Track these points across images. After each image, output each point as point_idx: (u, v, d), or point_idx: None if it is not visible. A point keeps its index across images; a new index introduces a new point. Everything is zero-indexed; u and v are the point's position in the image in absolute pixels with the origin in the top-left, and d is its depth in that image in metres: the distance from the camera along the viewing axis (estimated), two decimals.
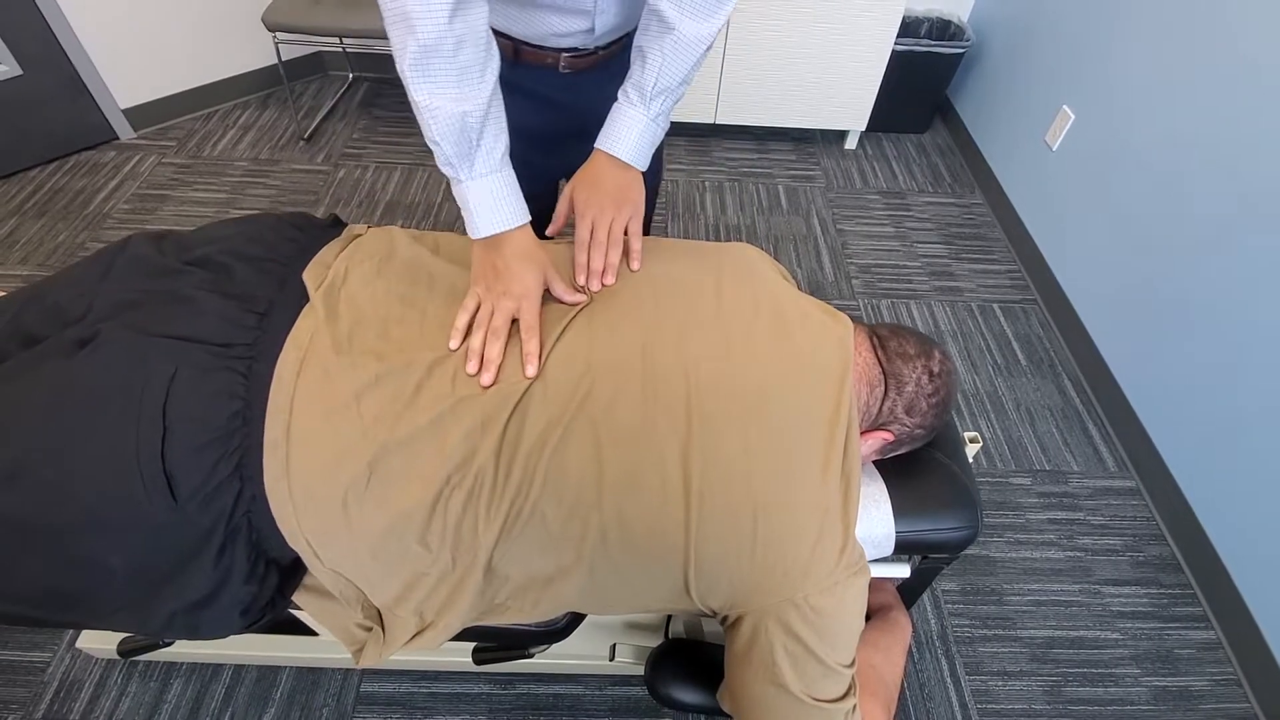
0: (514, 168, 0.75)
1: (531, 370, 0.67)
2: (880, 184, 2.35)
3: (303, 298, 0.72)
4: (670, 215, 2.19)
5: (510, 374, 0.68)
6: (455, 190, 0.73)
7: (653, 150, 0.86)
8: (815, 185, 2.34)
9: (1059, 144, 1.92)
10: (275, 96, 2.53)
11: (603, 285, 0.77)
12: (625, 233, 0.81)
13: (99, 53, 2.13)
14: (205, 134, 2.35)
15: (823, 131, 2.52)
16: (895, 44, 2.18)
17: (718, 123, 2.36)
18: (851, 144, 2.48)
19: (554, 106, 0.99)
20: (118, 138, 2.29)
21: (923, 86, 2.40)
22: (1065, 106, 1.89)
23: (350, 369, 0.66)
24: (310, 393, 0.64)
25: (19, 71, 2.02)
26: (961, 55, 2.32)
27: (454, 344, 0.69)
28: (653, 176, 1.16)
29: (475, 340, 0.68)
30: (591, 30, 0.90)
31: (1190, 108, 1.49)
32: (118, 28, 2.13)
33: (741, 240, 2.10)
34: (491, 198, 0.72)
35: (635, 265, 0.79)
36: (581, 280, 0.77)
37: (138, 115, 2.30)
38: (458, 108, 0.67)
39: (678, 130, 2.49)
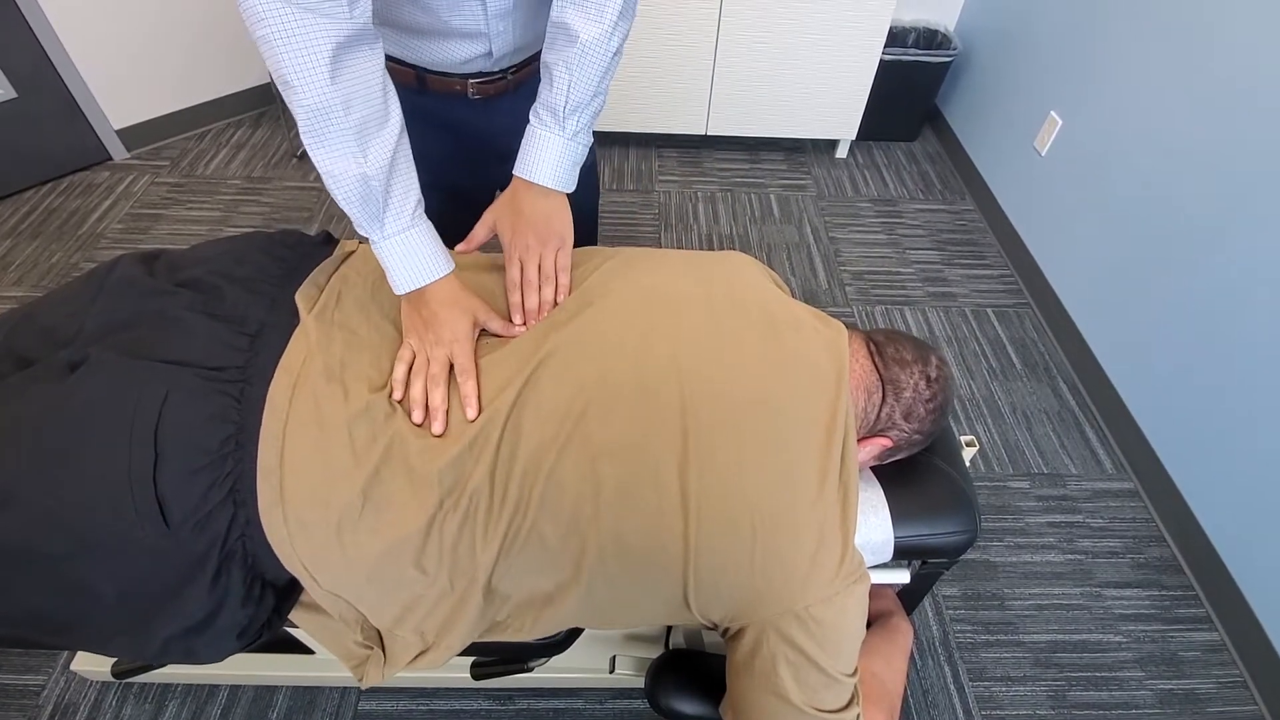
0: (440, 194, 0.72)
1: (471, 413, 0.66)
2: (871, 192, 2.37)
3: (294, 318, 0.71)
4: (663, 226, 2.20)
5: (486, 405, 0.67)
6: (373, 249, 0.72)
7: (577, 170, 0.82)
8: (807, 194, 2.35)
9: (1048, 149, 1.94)
10: (268, 115, 2.54)
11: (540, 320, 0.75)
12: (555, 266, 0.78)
13: (93, 74, 2.14)
14: (198, 153, 2.36)
15: (813, 141, 2.54)
16: (883, 54, 2.20)
17: (709, 134, 2.38)
18: (842, 153, 2.50)
19: (469, 133, 0.95)
20: (111, 158, 2.30)
21: (911, 95, 2.42)
22: (1053, 112, 1.91)
23: (342, 397, 0.65)
24: (303, 419, 0.64)
25: (13, 94, 2.03)
26: (949, 64, 2.35)
27: (397, 395, 0.68)
28: (588, 194, 1.11)
29: (415, 389, 0.67)
30: (490, 54, 0.88)
31: (1176, 110, 1.50)
32: (111, 49, 2.14)
33: (735, 249, 2.11)
34: (408, 255, 0.71)
35: (562, 298, 0.77)
36: (518, 321, 0.75)
37: (131, 136, 2.30)
38: (358, 169, 0.65)
39: (669, 142, 2.50)
